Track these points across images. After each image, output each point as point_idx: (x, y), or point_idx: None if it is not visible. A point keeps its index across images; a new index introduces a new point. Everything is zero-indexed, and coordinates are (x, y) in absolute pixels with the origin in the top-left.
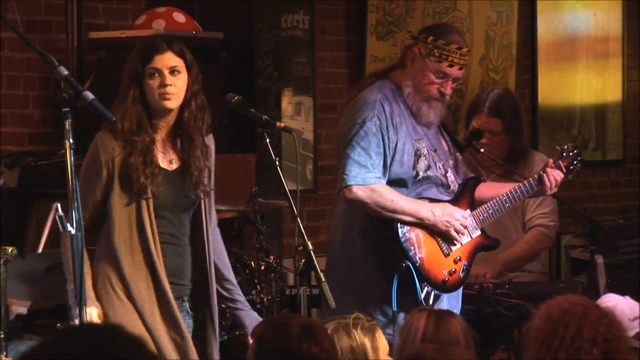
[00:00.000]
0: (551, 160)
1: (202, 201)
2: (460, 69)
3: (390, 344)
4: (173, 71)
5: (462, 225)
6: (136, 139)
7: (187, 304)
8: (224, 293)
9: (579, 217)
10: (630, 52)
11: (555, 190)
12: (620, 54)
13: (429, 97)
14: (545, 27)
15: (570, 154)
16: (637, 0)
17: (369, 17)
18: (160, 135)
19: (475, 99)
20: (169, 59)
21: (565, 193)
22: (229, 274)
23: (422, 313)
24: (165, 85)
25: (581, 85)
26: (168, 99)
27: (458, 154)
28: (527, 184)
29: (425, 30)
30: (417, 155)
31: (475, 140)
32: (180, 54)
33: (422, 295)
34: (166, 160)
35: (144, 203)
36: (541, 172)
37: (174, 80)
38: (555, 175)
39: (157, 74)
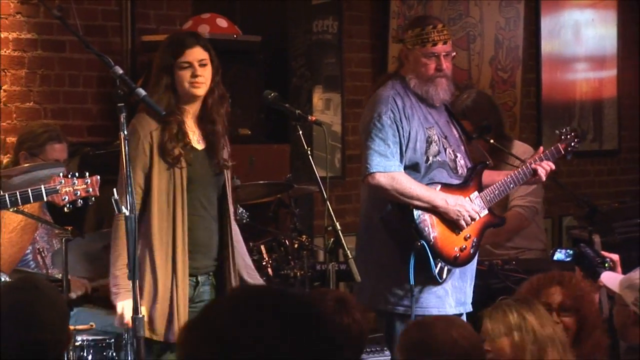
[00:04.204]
0: (542, 149)
1: (226, 177)
2: (445, 43)
3: (407, 315)
4: (201, 64)
5: (471, 217)
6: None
7: (212, 279)
8: (248, 279)
9: (578, 201)
10: (625, 54)
11: (544, 179)
12: (616, 55)
13: (430, 77)
14: (548, 31)
15: (569, 136)
16: (632, 6)
17: (391, 23)
18: (188, 119)
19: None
20: (198, 53)
21: (566, 179)
22: (249, 260)
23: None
24: (196, 76)
25: (580, 83)
26: (198, 87)
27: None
28: (524, 170)
29: (405, 28)
30: (429, 142)
31: (485, 133)
32: (206, 49)
33: (436, 271)
34: (194, 140)
35: (177, 173)
36: (534, 164)
37: (203, 71)
38: (545, 166)
39: (188, 66)
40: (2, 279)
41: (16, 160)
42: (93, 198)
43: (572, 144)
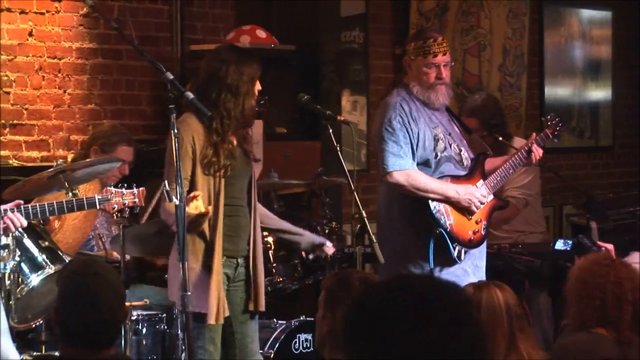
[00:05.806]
0: (534, 135)
1: (252, 169)
2: (444, 54)
3: None
4: None
5: (480, 202)
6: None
7: (243, 260)
8: (290, 237)
9: (577, 191)
10: (619, 60)
11: (535, 161)
12: (611, 61)
13: (431, 85)
14: (550, 40)
15: (553, 122)
16: (625, 17)
17: (410, 33)
18: None
19: (462, 104)
20: None
21: (566, 172)
22: (282, 222)
23: (469, 288)
24: (259, 91)
25: (579, 86)
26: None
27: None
28: (519, 156)
29: (408, 41)
30: (436, 140)
31: (495, 131)
32: None
33: (455, 254)
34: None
35: (218, 176)
36: (530, 146)
37: None
38: (539, 150)
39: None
40: (67, 260)
41: (87, 154)
42: (139, 208)
43: (557, 128)
